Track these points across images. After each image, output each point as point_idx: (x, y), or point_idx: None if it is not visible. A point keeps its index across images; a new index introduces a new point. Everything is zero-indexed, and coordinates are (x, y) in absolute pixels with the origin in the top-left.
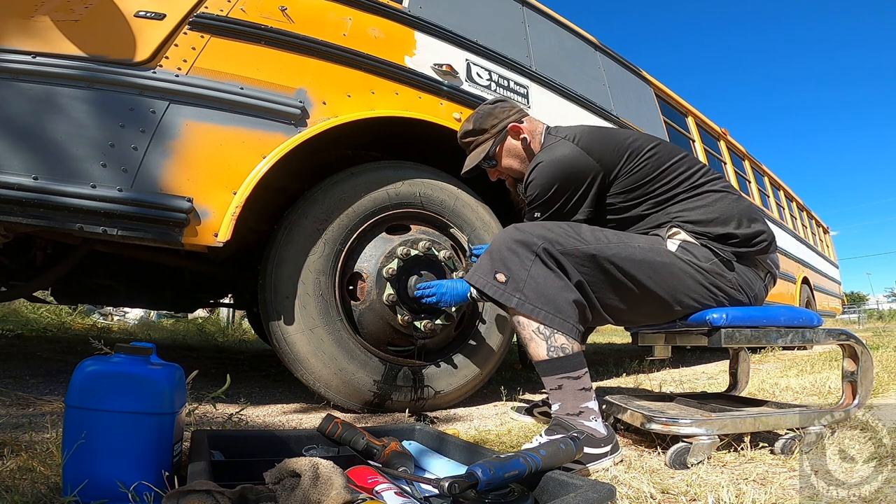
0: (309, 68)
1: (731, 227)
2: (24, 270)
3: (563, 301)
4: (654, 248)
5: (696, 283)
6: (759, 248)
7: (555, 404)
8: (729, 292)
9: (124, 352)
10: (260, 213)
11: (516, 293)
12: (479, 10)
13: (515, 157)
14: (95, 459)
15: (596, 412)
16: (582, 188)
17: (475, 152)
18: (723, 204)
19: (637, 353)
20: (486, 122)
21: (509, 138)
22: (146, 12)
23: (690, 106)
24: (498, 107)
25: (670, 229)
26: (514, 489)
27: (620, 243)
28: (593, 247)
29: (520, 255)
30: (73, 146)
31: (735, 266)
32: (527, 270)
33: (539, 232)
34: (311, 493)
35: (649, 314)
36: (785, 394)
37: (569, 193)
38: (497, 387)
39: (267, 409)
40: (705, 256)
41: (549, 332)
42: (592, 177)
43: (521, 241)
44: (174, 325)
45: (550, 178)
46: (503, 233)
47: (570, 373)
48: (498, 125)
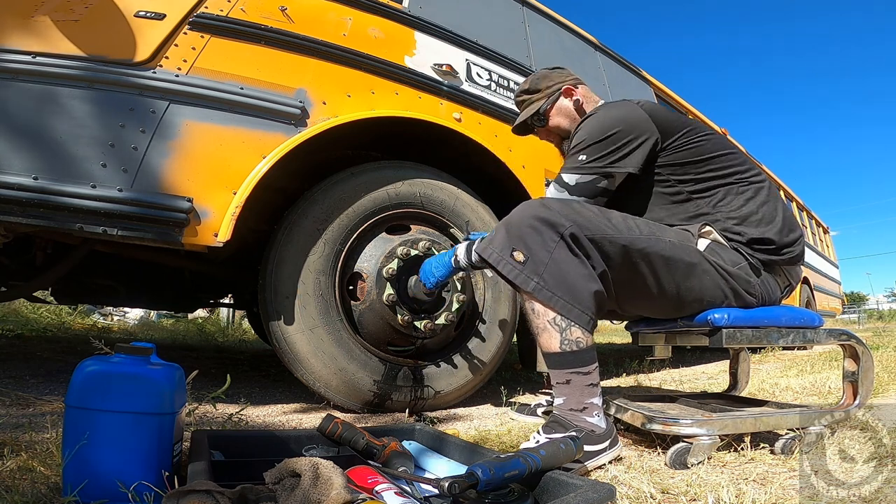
0: (309, 68)
1: (772, 231)
2: (24, 270)
3: (585, 291)
4: (683, 246)
5: (716, 287)
6: (789, 257)
7: (559, 398)
8: (747, 299)
9: (124, 352)
10: (260, 213)
11: (534, 276)
12: (479, 10)
13: (566, 117)
14: (95, 459)
15: (599, 407)
16: (638, 141)
17: (527, 109)
18: (769, 207)
19: (637, 353)
20: (542, 84)
21: (562, 98)
22: (146, 12)
23: (690, 106)
24: (556, 71)
25: (703, 227)
26: (514, 489)
27: (652, 236)
28: (624, 236)
29: (543, 236)
30: (74, 146)
31: (762, 273)
32: (549, 252)
33: (567, 212)
34: (311, 493)
35: (662, 310)
36: (785, 394)
37: (624, 142)
38: (497, 387)
39: (267, 409)
40: (733, 260)
41: (565, 325)
42: (648, 136)
43: (546, 220)
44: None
45: (607, 123)
46: (525, 206)
47: (580, 368)
48: (553, 86)
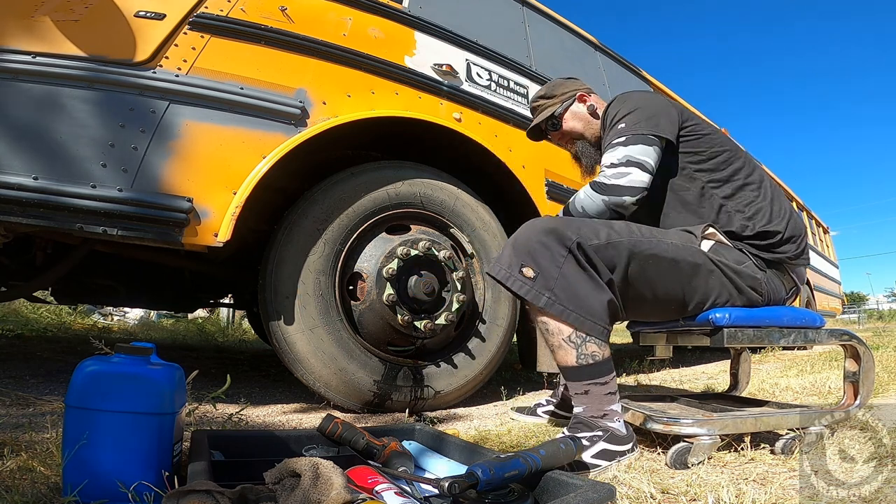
0: (309, 68)
1: (777, 224)
2: (24, 270)
3: (597, 303)
4: (686, 248)
5: (722, 286)
6: (793, 253)
7: (578, 407)
8: (753, 298)
9: (124, 352)
10: (260, 213)
11: (546, 291)
12: (479, 10)
13: (580, 120)
14: (95, 459)
15: (619, 413)
16: (666, 112)
17: (542, 114)
18: (777, 205)
19: (637, 353)
20: (557, 90)
21: (576, 103)
22: (146, 12)
23: (690, 106)
24: (571, 80)
25: (707, 228)
26: (514, 489)
27: (654, 239)
28: (626, 241)
29: (552, 251)
30: (74, 146)
31: (767, 271)
32: (559, 267)
33: (571, 226)
34: (311, 493)
35: (666, 311)
36: (785, 394)
37: (664, 113)
38: (497, 387)
39: (267, 409)
40: (738, 259)
41: (580, 341)
42: (672, 110)
43: (553, 235)
44: (174, 325)
45: (645, 98)
46: (530, 223)
47: (598, 379)
48: (567, 92)
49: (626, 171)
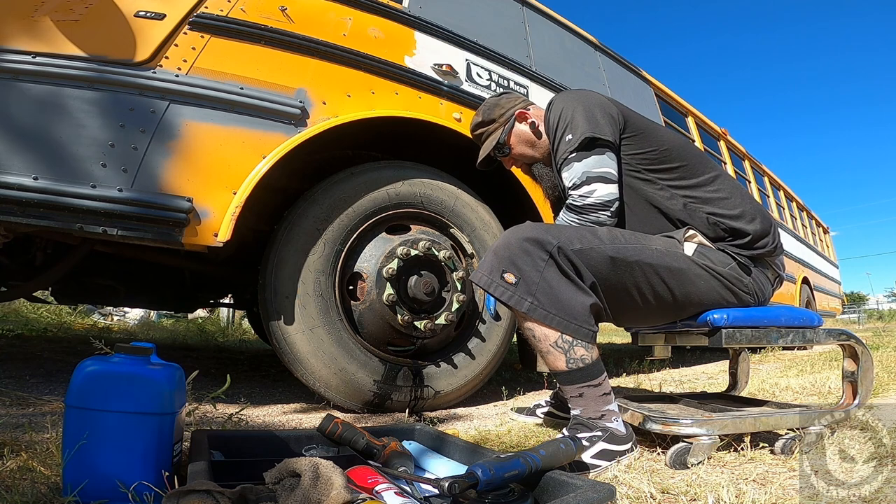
0: (309, 68)
1: (743, 222)
2: (24, 270)
3: (580, 306)
4: (670, 252)
5: (710, 289)
6: (770, 247)
7: (575, 409)
8: (743, 298)
9: (124, 352)
10: (260, 213)
11: (528, 296)
12: (479, 10)
13: (526, 143)
14: (95, 459)
15: (616, 413)
16: (610, 108)
17: (487, 142)
18: (738, 198)
19: (637, 353)
20: (494, 113)
21: (518, 124)
22: (146, 12)
23: (690, 106)
24: (503, 97)
25: (687, 231)
26: (514, 489)
27: (637, 244)
28: (609, 247)
29: (532, 255)
30: (74, 146)
31: (752, 270)
32: (539, 272)
33: (552, 231)
34: (311, 493)
35: (657, 317)
36: (785, 394)
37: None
38: (497, 387)
39: (267, 409)
40: (722, 261)
41: (567, 346)
42: (616, 108)
43: (533, 240)
44: (174, 325)
45: (580, 98)
46: (511, 230)
47: (590, 381)
48: (505, 114)
49: (590, 189)
